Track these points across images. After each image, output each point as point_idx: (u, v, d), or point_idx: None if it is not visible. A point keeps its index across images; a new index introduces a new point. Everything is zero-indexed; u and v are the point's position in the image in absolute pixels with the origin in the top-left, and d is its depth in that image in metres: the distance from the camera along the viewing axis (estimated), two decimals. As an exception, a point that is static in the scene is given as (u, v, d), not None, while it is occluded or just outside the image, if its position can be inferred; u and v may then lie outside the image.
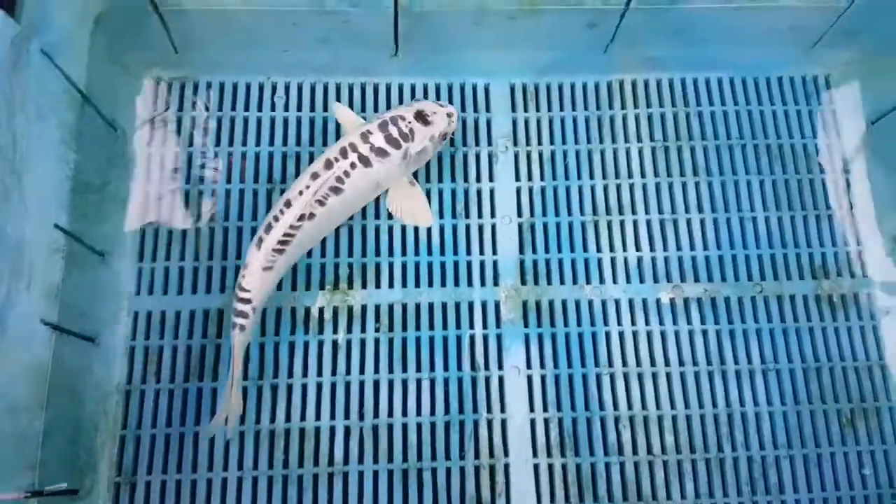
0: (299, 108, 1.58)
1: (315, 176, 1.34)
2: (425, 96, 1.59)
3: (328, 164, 1.35)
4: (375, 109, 1.58)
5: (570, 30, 1.51)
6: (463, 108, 1.60)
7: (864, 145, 1.59)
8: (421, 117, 1.42)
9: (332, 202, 1.35)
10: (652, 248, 1.52)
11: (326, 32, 1.48)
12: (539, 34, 1.52)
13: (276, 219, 1.32)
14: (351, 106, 1.57)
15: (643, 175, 1.57)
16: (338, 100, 1.58)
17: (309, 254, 1.47)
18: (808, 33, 1.58)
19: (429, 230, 1.51)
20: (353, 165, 1.36)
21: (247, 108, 1.57)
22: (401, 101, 1.59)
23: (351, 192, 1.37)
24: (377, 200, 1.51)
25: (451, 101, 1.60)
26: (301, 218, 1.33)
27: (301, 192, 1.33)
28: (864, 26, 1.53)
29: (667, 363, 1.46)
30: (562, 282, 1.50)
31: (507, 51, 1.57)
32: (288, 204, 1.33)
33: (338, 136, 1.54)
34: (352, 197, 1.38)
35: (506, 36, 1.52)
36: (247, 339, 1.35)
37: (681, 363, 1.46)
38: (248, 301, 1.31)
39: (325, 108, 1.57)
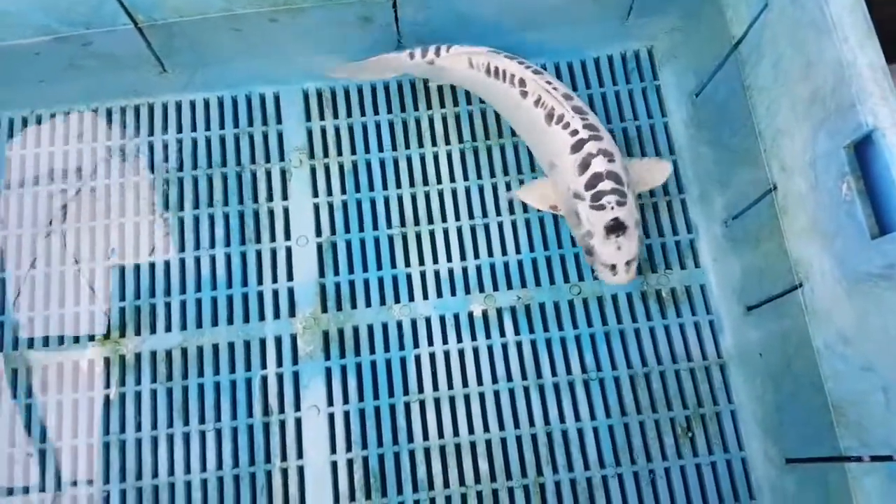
0: (66, 142, 1.43)
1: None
2: (206, 111, 1.45)
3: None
4: (154, 132, 1.44)
5: (346, 26, 1.36)
6: (250, 123, 1.46)
7: (690, 121, 1.45)
8: None
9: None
10: (463, 257, 1.39)
11: (73, 58, 1.34)
12: (316, 35, 1.37)
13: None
14: (123, 129, 1.43)
15: (452, 179, 1.43)
16: (108, 124, 1.43)
17: (77, 300, 1.34)
18: (619, 3, 1.43)
19: (212, 259, 1.37)
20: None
21: (10, 147, 1.43)
22: (192, 121, 1.44)
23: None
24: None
25: (236, 115, 1.46)
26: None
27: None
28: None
29: (479, 382, 1.32)
30: (368, 304, 1.36)
31: (292, 56, 1.43)
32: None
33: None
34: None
35: (279, 40, 1.38)
36: (401, 70, 1.40)
37: (494, 380, 1.32)
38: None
39: (94, 138, 1.43)
